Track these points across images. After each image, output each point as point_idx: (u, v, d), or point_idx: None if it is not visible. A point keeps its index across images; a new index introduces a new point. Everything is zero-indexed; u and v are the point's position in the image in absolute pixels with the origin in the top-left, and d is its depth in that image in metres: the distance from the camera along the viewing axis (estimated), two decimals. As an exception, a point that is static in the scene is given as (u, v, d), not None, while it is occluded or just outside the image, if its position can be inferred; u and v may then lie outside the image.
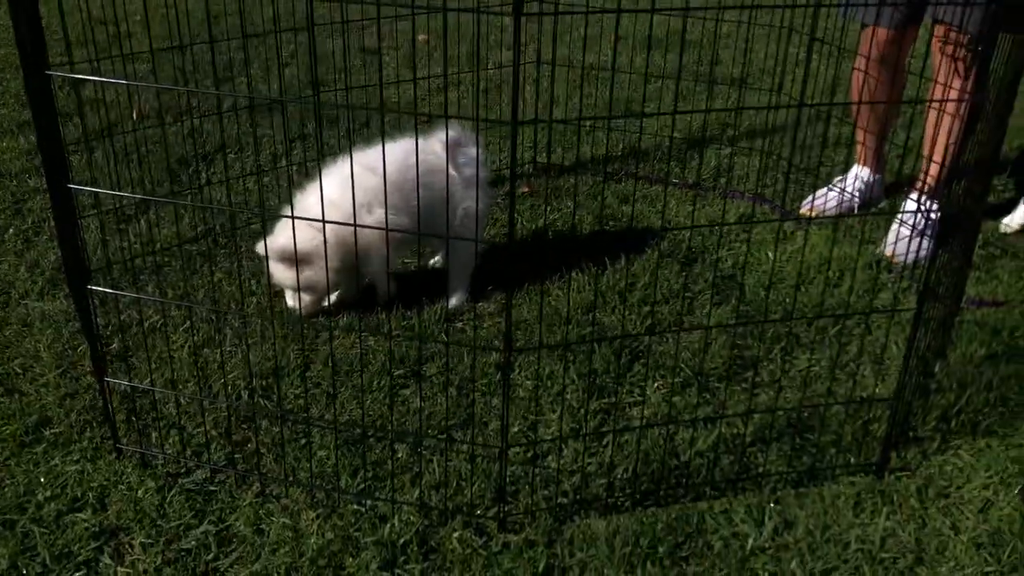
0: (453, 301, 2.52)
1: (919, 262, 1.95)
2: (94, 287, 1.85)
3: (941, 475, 1.97)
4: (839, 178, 3.07)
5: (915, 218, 2.64)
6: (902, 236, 2.70)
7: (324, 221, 1.78)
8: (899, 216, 2.79)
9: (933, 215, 2.64)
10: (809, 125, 3.47)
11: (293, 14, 3.77)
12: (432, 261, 2.75)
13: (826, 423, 2.08)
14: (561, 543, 1.77)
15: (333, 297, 2.50)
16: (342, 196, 2.18)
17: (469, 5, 1.58)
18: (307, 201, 2.30)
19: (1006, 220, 2.71)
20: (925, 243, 2.63)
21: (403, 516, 1.82)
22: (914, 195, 2.79)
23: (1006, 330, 2.43)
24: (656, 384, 2.21)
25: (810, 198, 3.06)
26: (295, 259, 2.22)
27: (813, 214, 3.01)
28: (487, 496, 1.87)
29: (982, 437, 2.07)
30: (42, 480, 1.89)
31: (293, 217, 1.84)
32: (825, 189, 3.04)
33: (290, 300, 2.48)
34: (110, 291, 2.03)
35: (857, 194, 2.99)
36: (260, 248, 2.34)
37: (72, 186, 1.72)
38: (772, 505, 1.88)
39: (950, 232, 2.38)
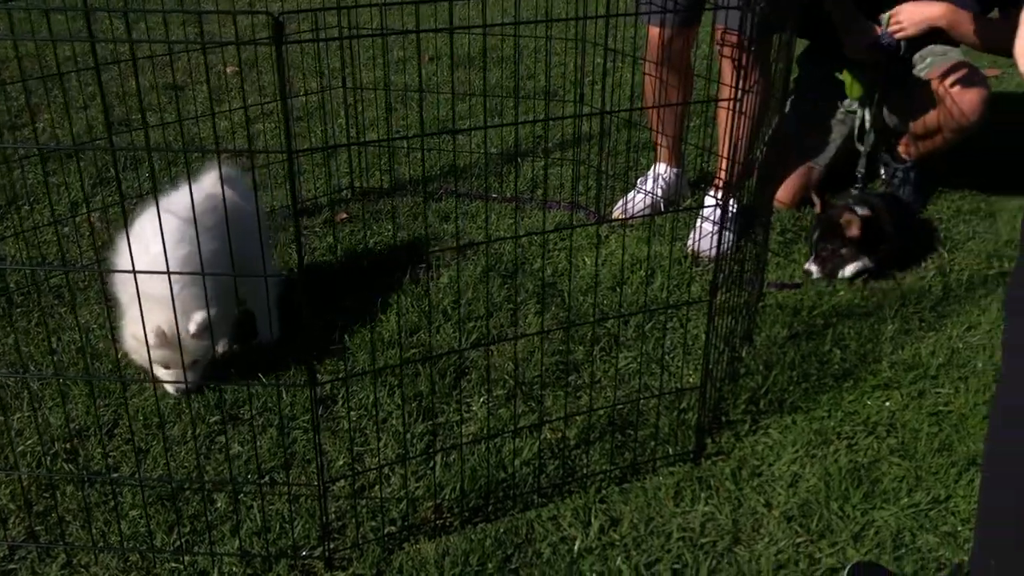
0: (262, 338, 2.44)
1: (723, 255, 2.08)
2: None
3: (753, 455, 2.06)
4: (641, 178, 3.19)
5: (715, 214, 2.78)
6: (704, 232, 2.83)
7: (204, 273, 1.71)
8: (701, 213, 2.93)
9: (732, 210, 2.78)
10: (617, 132, 3.60)
11: (82, 54, 3.59)
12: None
13: (644, 417, 2.14)
14: (390, 573, 1.74)
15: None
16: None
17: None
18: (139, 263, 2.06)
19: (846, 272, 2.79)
20: (727, 236, 2.77)
21: (224, 568, 1.74)
22: (712, 191, 2.94)
23: (804, 310, 2.59)
24: (481, 399, 2.22)
25: (621, 202, 3.16)
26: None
27: (624, 217, 3.11)
28: (312, 535, 1.82)
29: (788, 414, 2.19)
30: None
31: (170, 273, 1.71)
32: (633, 192, 3.15)
33: (171, 387, 2.22)
34: None
35: (660, 191, 3.12)
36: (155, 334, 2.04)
37: None
38: (598, 504, 1.92)
39: (748, 224, 2.51)
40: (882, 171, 3.29)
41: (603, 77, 2.99)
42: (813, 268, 2.77)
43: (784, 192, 3.14)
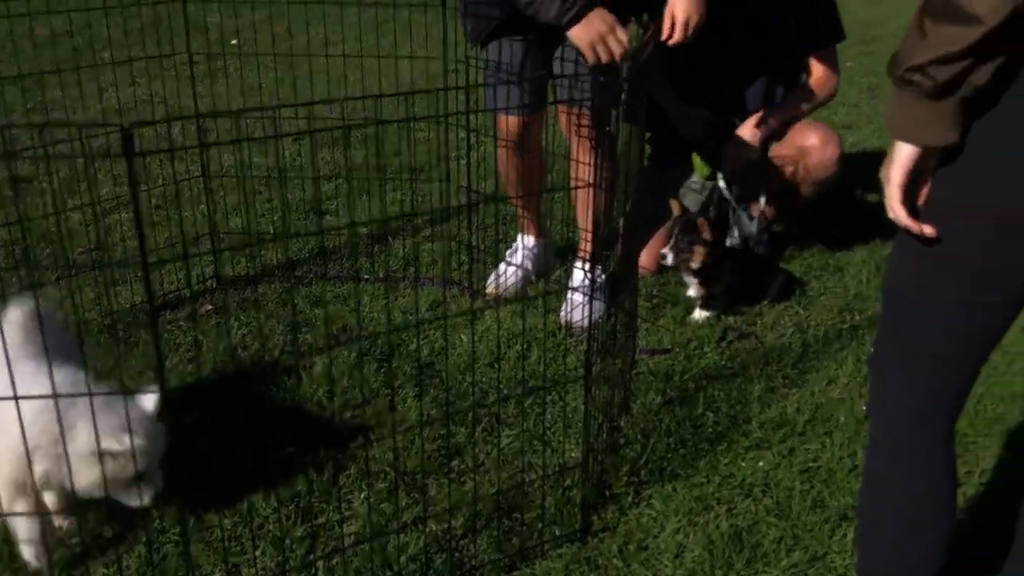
0: None
1: (595, 324, 2.13)
2: None
3: (639, 528, 2.08)
4: (509, 251, 3.25)
5: (584, 284, 2.84)
6: (575, 303, 2.89)
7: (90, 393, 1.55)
8: (570, 284, 2.99)
9: (599, 279, 2.86)
10: (484, 206, 3.64)
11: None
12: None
13: (530, 498, 2.13)
14: None
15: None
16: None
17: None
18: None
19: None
20: (597, 306, 2.84)
21: None
22: (579, 263, 3.00)
23: (676, 375, 2.66)
24: (362, 495, 2.16)
25: (492, 276, 3.19)
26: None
27: (498, 292, 3.14)
28: (188, 662, 1.71)
29: (669, 482, 2.22)
30: None
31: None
32: (503, 265, 3.19)
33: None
34: None
35: (529, 264, 3.18)
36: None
37: None
38: (488, 597, 1.88)
39: (615, 292, 2.58)
40: (735, 232, 3.46)
41: (467, 152, 3.04)
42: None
43: (647, 258, 3.24)
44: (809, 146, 3.24)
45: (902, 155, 1.32)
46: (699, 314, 3.01)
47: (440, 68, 3.22)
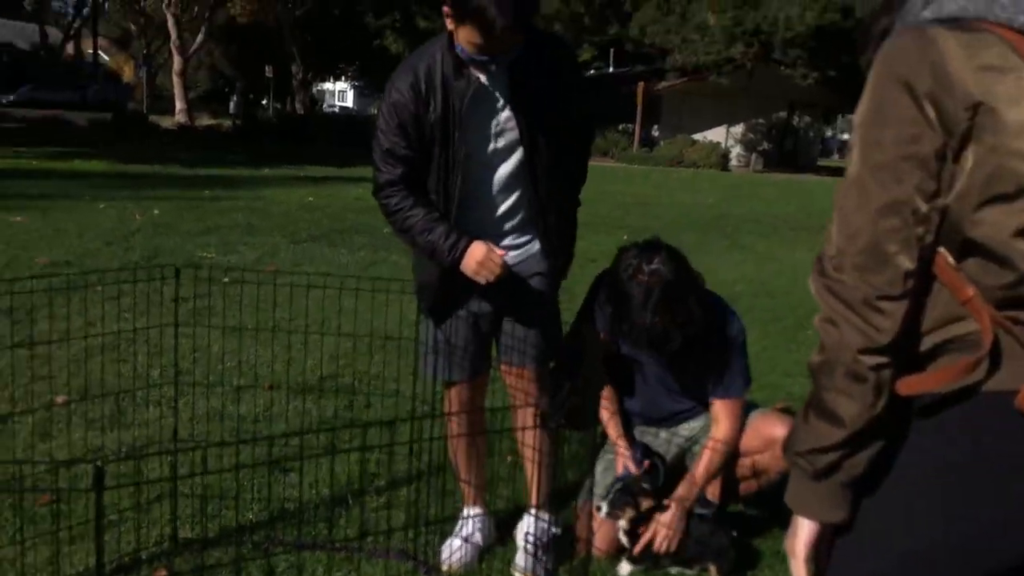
0: None
1: None
2: None
3: None
4: (459, 524, 3.31)
5: (536, 536, 2.93)
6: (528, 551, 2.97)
7: None
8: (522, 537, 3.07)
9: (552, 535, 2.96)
10: (435, 475, 3.74)
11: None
12: None
13: None
14: None
15: None
16: None
17: None
18: None
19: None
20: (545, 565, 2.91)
21: None
22: (532, 512, 3.08)
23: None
24: None
25: (446, 551, 3.23)
26: None
27: (451, 568, 3.17)
28: None
29: None
30: None
31: None
32: (450, 539, 3.25)
33: None
34: None
35: (479, 535, 3.26)
36: None
37: None
38: None
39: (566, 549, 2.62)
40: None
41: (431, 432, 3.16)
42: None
43: (601, 539, 3.29)
44: (778, 437, 3.32)
45: (804, 529, 1.41)
46: (625, 568, 3.11)
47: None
